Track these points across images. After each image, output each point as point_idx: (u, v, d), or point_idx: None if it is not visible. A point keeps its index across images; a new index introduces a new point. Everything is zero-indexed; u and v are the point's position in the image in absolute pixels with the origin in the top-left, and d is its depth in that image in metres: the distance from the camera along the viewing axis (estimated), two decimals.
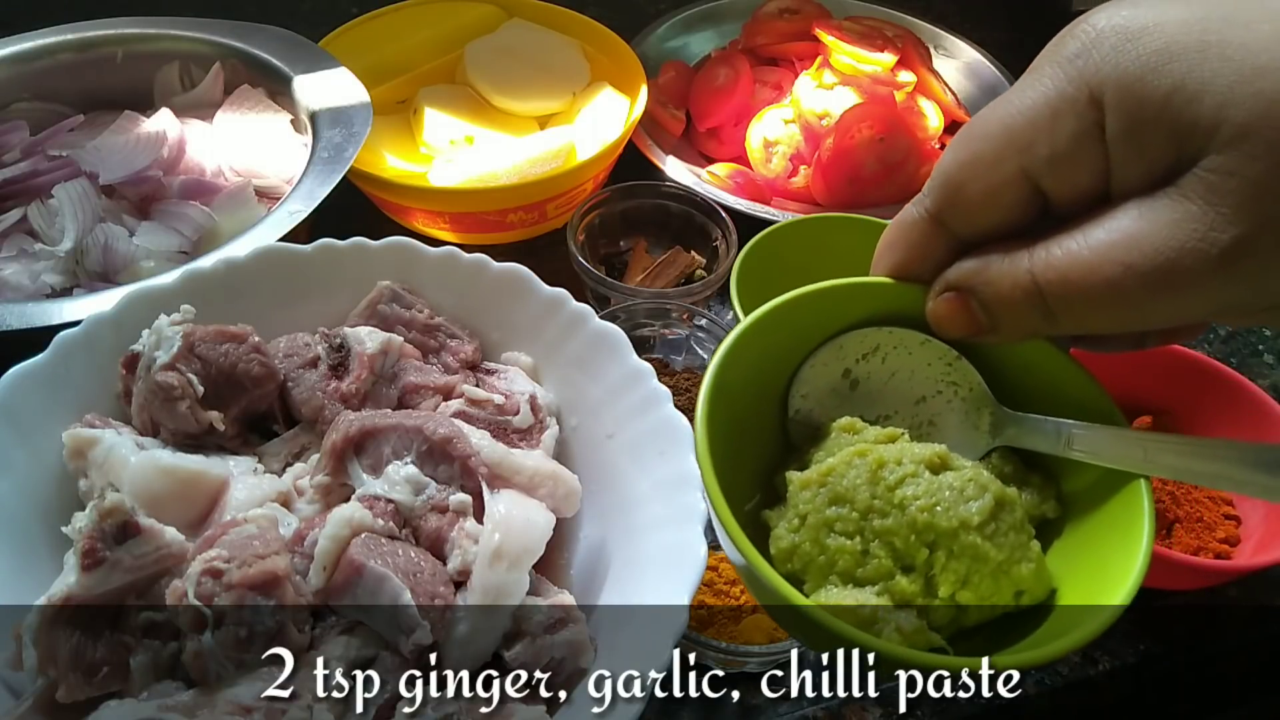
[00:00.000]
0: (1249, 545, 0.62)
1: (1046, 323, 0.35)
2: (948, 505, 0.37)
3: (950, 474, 0.39)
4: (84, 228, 0.70)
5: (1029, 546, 0.38)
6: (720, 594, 0.58)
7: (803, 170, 0.90)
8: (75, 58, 0.83)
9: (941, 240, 0.38)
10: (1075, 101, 0.33)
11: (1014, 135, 0.34)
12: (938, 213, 0.38)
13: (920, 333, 0.42)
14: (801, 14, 1.01)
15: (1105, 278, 0.32)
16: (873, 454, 0.39)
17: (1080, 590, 0.37)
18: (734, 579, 0.59)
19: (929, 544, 0.37)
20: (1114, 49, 0.32)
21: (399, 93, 0.91)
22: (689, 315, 0.71)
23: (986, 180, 0.35)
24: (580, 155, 0.83)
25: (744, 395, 0.41)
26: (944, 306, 0.39)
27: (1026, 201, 0.35)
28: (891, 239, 0.40)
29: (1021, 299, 0.35)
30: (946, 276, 0.38)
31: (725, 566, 0.59)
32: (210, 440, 0.52)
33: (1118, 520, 0.37)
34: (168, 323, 0.51)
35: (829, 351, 0.43)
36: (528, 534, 0.46)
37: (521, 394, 0.54)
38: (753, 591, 0.39)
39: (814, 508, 0.39)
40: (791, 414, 0.44)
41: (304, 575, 0.45)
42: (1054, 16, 1.22)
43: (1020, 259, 0.35)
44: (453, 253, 0.58)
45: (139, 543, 0.43)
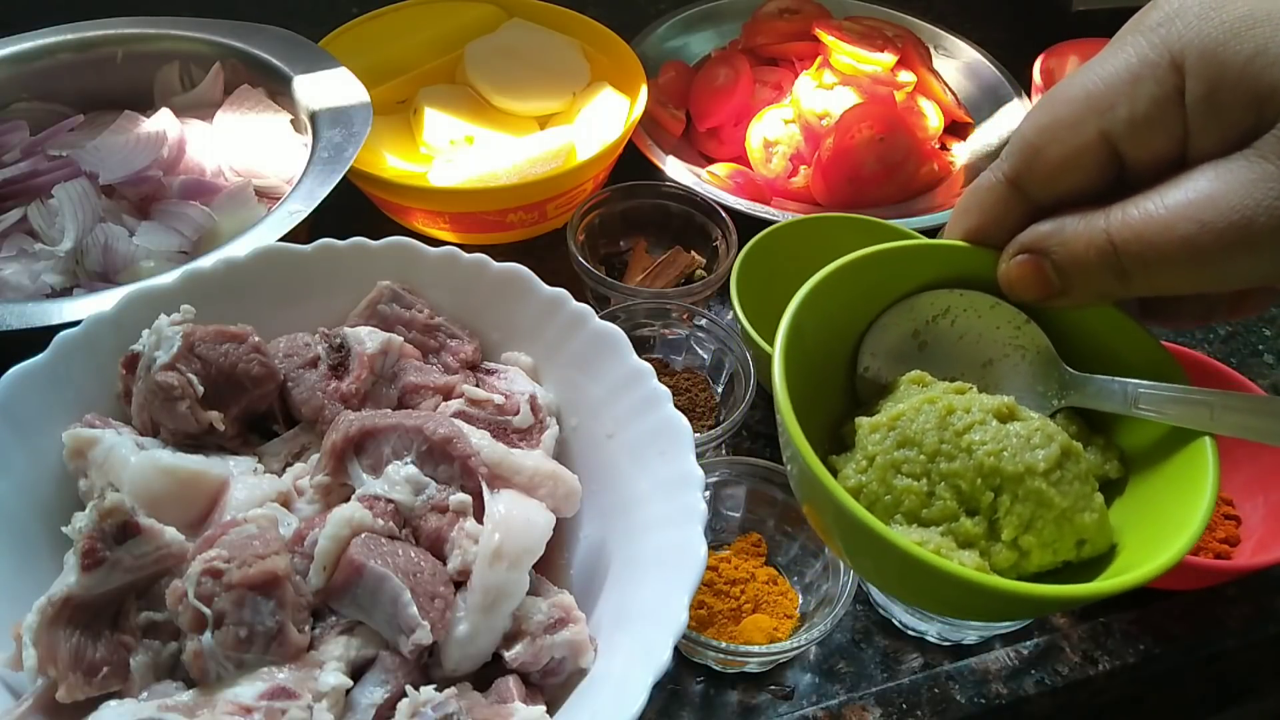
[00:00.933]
0: (1249, 545, 0.62)
1: (1120, 283, 0.36)
2: (1015, 451, 0.38)
3: (1018, 423, 0.39)
4: (84, 228, 0.70)
5: (1093, 497, 0.39)
6: (720, 594, 0.58)
7: (803, 170, 0.90)
8: (75, 58, 0.83)
9: (1017, 205, 0.39)
10: (1156, 67, 0.34)
11: (1094, 99, 0.35)
12: (1015, 177, 0.38)
13: (991, 296, 0.42)
14: (801, 14, 1.01)
15: (1181, 235, 0.33)
16: (942, 401, 0.40)
17: (1141, 546, 0.38)
18: (734, 579, 0.59)
19: (994, 488, 0.38)
20: (1197, 17, 0.33)
21: (399, 93, 0.91)
22: (689, 315, 0.71)
23: (1066, 144, 0.36)
24: (580, 155, 0.83)
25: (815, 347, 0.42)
26: (1017, 269, 0.39)
27: (1104, 165, 0.36)
28: (967, 204, 0.41)
29: (1096, 259, 0.36)
30: (1020, 239, 0.39)
31: (725, 567, 0.59)
32: (210, 440, 0.52)
33: (1181, 479, 0.38)
34: (168, 323, 0.51)
35: (900, 312, 0.44)
36: (528, 534, 0.46)
37: (521, 394, 0.54)
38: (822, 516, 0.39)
39: (882, 450, 0.39)
40: (860, 371, 0.45)
41: (304, 575, 0.45)
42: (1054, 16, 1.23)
43: (1096, 219, 0.35)
44: (453, 253, 0.58)
45: (139, 543, 0.43)
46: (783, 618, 0.58)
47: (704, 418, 0.70)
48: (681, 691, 0.57)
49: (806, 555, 0.61)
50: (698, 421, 0.69)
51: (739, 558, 0.61)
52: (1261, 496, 0.63)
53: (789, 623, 0.58)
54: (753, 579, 0.59)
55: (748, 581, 0.59)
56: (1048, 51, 1.03)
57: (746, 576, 0.59)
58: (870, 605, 0.62)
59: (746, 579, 0.59)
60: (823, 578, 0.59)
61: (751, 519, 0.63)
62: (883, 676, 0.59)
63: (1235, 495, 0.65)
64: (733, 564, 0.60)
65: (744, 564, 0.60)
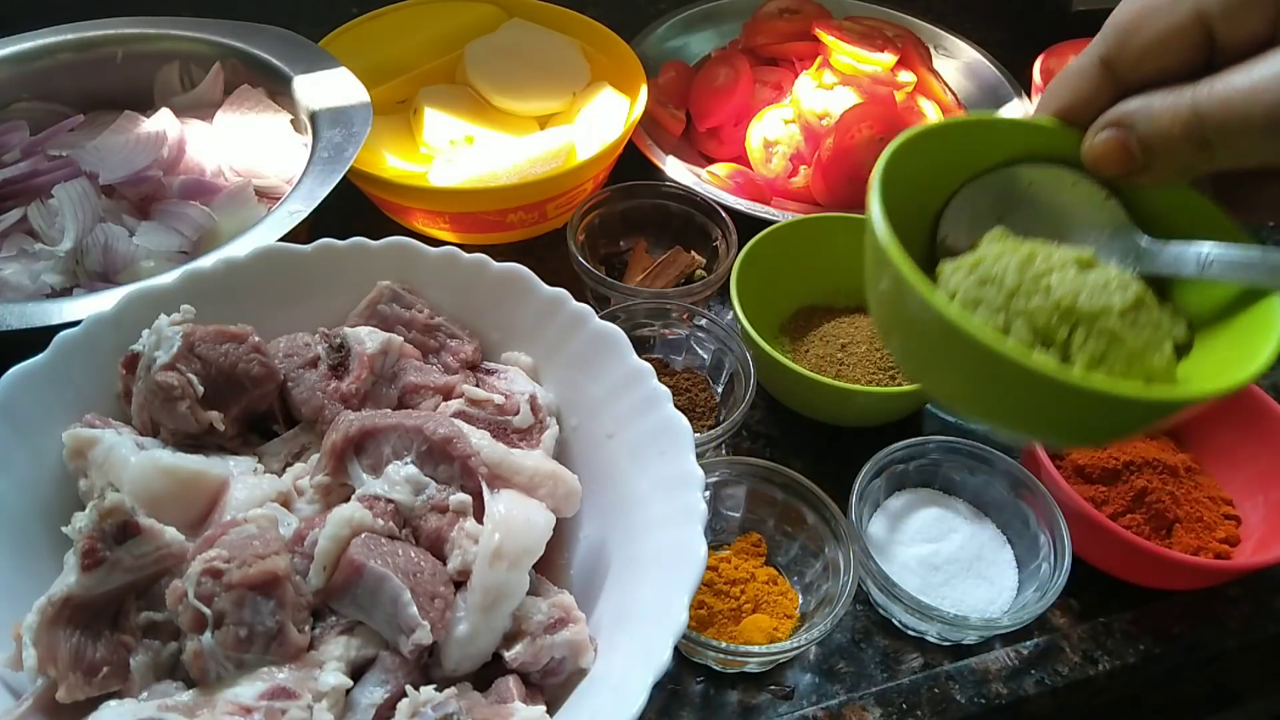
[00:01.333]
0: (1249, 545, 0.62)
1: (1203, 155, 0.36)
2: (1092, 292, 0.39)
3: (1097, 271, 0.40)
4: (84, 228, 0.70)
5: (1164, 343, 0.40)
6: (720, 594, 0.58)
7: (803, 170, 0.90)
8: (75, 58, 0.83)
9: (1108, 86, 0.39)
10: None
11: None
12: (1109, 58, 0.39)
13: (1074, 172, 0.43)
14: (801, 14, 1.01)
15: (1266, 103, 0.33)
16: (1025, 248, 0.40)
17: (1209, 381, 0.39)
18: (734, 579, 0.59)
19: (1071, 325, 0.39)
20: None
21: (399, 93, 0.91)
22: (689, 315, 0.71)
23: (1160, 24, 0.37)
24: (580, 155, 0.83)
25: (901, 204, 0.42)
26: (1101, 144, 0.40)
27: (1197, 46, 0.36)
28: (1058, 85, 0.41)
29: (1180, 131, 0.36)
30: (1107, 115, 0.39)
31: (725, 567, 0.59)
32: (210, 440, 0.52)
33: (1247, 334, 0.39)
34: (168, 323, 0.51)
35: (981, 185, 0.45)
36: (528, 534, 0.46)
37: (521, 394, 0.54)
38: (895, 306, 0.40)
39: (964, 287, 0.40)
40: (940, 238, 0.45)
41: (304, 575, 0.45)
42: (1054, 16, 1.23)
43: (1184, 93, 0.36)
44: (453, 253, 0.58)
45: (139, 543, 0.43)
46: (783, 617, 0.58)
47: (704, 418, 0.70)
48: (681, 691, 0.57)
49: (806, 555, 0.61)
50: (698, 421, 0.69)
51: (739, 558, 0.61)
52: (1261, 496, 0.63)
53: (789, 622, 0.58)
54: (753, 579, 0.59)
55: (748, 581, 0.59)
56: (1048, 51, 1.03)
57: (746, 576, 0.59)
58: (870, 605, 0.62)
59: (746, 579, 0.59)
60: (822, 578, 0.59)
61: (751, 519, 0.63)
62: (883, 676, 0.59)
63: (1236, 495, 0.65)
64: (733, 564, 0.60)
65: (744, 564, 0.60)
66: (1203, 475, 0.66)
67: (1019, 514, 0.62)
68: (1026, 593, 0.59)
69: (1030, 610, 0.56)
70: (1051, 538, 0.59)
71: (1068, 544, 0.58)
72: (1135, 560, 0.60)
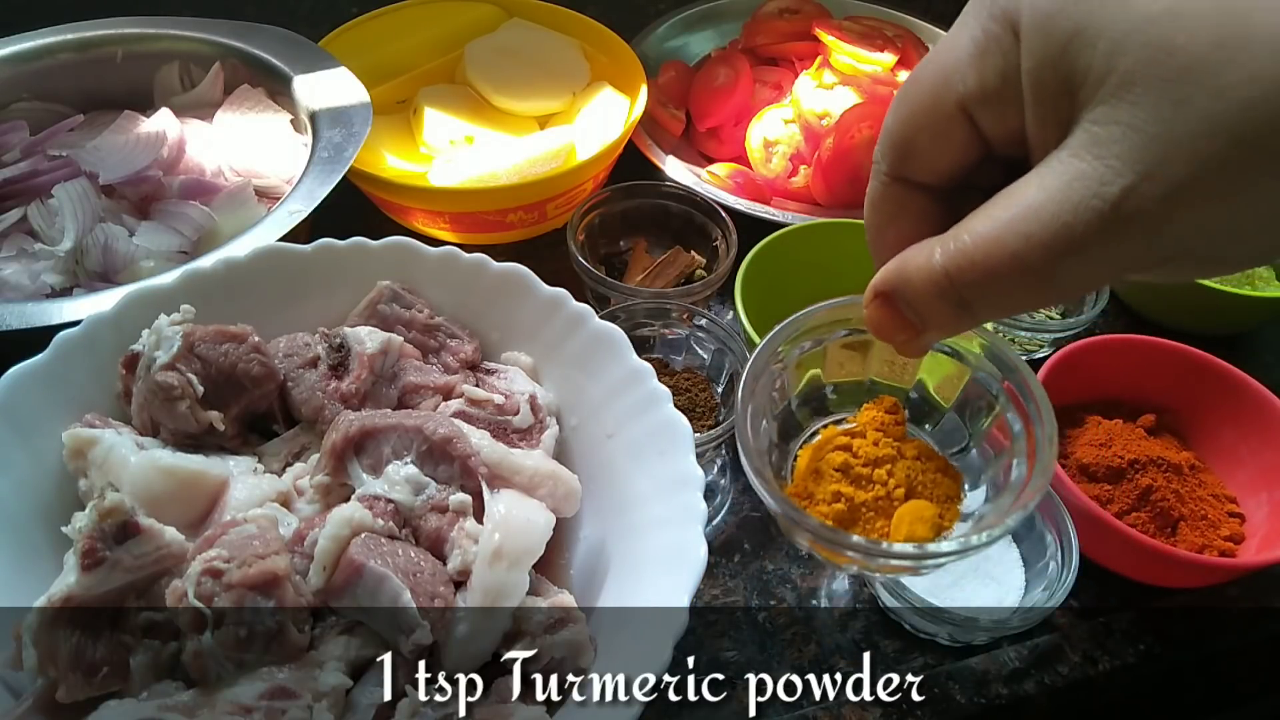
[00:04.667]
0: (1254, 542, 0.62)
1: (966, 315, 0.34)
2: None
3: None
4: (84, 228, 0.70)
5: None
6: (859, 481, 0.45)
7: (803, 170, 0.90)
8: (75, 58, 0.83)
9: (917, 199, 0.36)
10: (1000, 38, 0.32)
11: (948, 73, 0.33)
12: (897, 172, 0.36)
13: None
14: (801, 14, 1.01)
15: (1010, 253, 0.30)
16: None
17: None
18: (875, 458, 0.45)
19: None
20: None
21: (399, 93, 0.91)
22: (689, 315, 0.71)
23: (930, 123, 0.34)
24: (580, 155, 0.83)
25: None
26: (874, 314, 0.37)
27: (974, 138, 0.34)
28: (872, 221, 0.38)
29: (937, 296, 0.33)
30: (873, 282, 0.37)
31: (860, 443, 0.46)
32: (210, 440, 0.52)
33: None
34: (168, 323, 0.51)
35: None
36: (528, 534, 0.46)
37: (521, 394, 0.54)
38: None
39: None
40: None
41: (304, 575, 0.45)
42: None
43: (933, 250, 0.33)
44: (453, 253, 0.58)
45: (139, 543, 0.43)
46: (945, 501, 0.45)
47: (704, 418, 0.70)
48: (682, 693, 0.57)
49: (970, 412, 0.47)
50: (698, 421, 0.69)
51: (875, 430, 0.46)
52: (1265, 494, 0.63)
53: (954, 507, 0.45)
54: (900, 456, 0.45)
55: (895, 460, 0.45)
56: None
57: (892, 454, 0.45)
58: (875, 606, 0.62)
59: (893, 456, 0.45)
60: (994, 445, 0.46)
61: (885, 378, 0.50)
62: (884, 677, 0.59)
63: (1239, 493, 0.65)
64: (869, 438, 0.46)
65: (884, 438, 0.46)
66: (1206, 473, 0.66)
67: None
68: (1033, 592, 0.59)
69: (1039, 610, 0.56)
70: (1058, 536, 0.59)
71: (1075, 542, 0.58)
72: (1142, 559, 0.60)
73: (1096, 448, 0.65)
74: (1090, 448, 0.65)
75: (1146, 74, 0.28)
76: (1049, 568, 0.59)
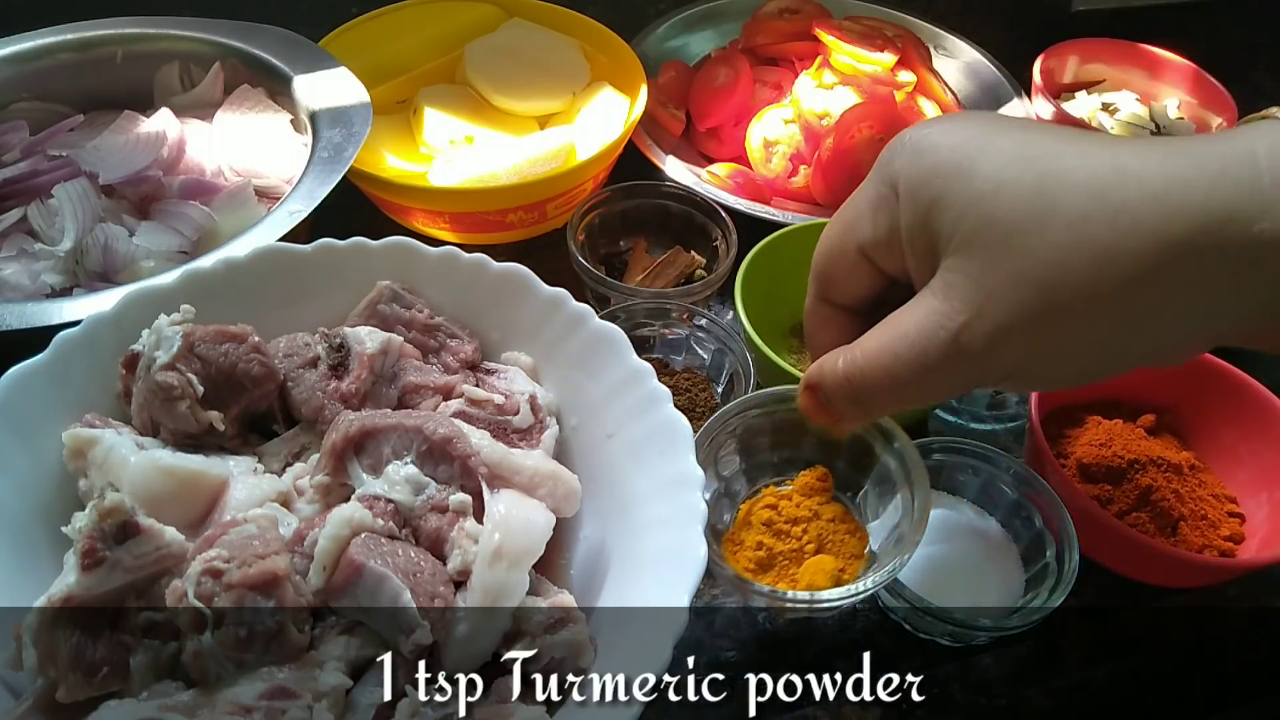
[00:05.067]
0: (1254, 542, 0.62)
1: (864, 411, 0.43)
2: None
3: None
4: (84, 228, 0.70)
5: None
6: (780, 534, 0.54)
7: (803, 170, 0.90)
8: (75, 58, 0.83)
9: (839, 315, 0.46)
10: (888, 199, 0.40)
11: (850, 226, 0.42)
12: (824, 296, 0.45)
13: None
14: (801, 14, 1.01)
15: (885, 368, 0.39)
16: None
17: None
18: (796, 517, 0.55)
19: None
20: (906, 161, 0.39)
21: (399, 93, 0.91)
22: (689, 315, 0.71)
23: (840, 262, 0.43)
24: (580, 155, 0.83)
25: None
26: (803, 402, 0.46)
27: (874, 273, 0.42)
28: (809, 328, 0.47)
29: (843, 394, 0.42)
30: (805, 376, 0.45)
31: (786, 504, 0.56)
32: (210, 440, 0.52)
33: None
34: (168, 323, 0.51)
35: None
36: (528, 534, 0.46)
37: (521, 394, 0.54)
38: None
39: None
40: None
41: (304, 575, 0.45)
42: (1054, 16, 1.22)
43: (838, 359, 0.42)
44: (453, 253, 0.58)
45: (139, 543, 0.43)
46: (850, 558, 0.53)
47: (704, 418, 0.69)
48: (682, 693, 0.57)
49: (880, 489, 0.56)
50: (698, 421, 0.69)
51: (802, 494, 0.56)
52: (1265, 494, 0.63)
53: (857, 563, 0.53)
54: (816, 517, 0.54)
55: (810, 520, 0.54)
56: (1048, 51, 1.03)
57: (809, 515, 0.54)
58: (877, 607, 0.62)
59: (809, 517, 0.54)
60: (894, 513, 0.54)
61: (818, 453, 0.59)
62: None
63: (1239, 492, 0.65)
64: (794, 501, 0.55)
65: (807, 501, 0.55)
66: (1206, 473, 0.66)
67: (1024, 513, 0.62)
68: (1034, 592, 0.59)
69: (1039, 610, 0.56)
70: (1057, 537, 0.59)
71: (1075, 542, 0.58)
72: (1142, 559, 0.60)
73: (1096, 448, 0.65)
74: (1090, 448, 0.65)
75: (979, 238, 0.36)
76: (1049, 568, 0.59)
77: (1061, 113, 0.97)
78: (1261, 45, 1.23)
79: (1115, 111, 1.03)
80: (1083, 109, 1.03)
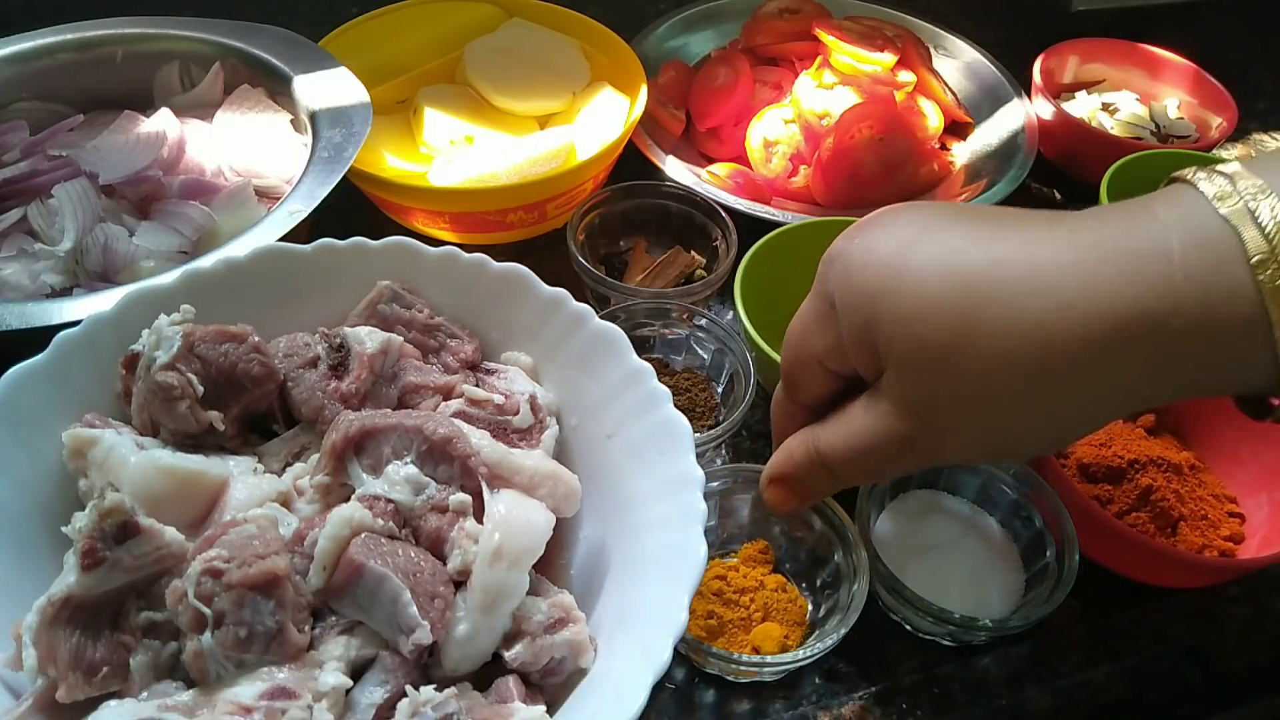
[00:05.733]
0: (1254, 542, 0.62)
1: (838, 481, 0.47)
2: None
3: None
4: (84, 227, 0.70)
5: None
6: (730, 603, 0.57)
7: (803, 170, 0.90)
8: (75, 58, 0.83)
9: (801, 412, 0.49)
10: (828, 315, 0.44)
11: (804, 337, 0.46)
12: (792, 396, 0.49)
13: None
14: (801, 14, 1.01)
15: (849, 448, 0.44)
16: None
17: None
18: (743, 587, 0.58)
19: None
20: (838, 281, 0.43)
21: (399, 93, 0.91)
22: (689, 315, 0.71)
23: (800, 368, 0.47)
24: (580, 155, 0.83)
25: None
26: (773, 494, 0.50)
27: (830, 376, 0.46)
28: (775, 417, 0.52)
29: (814, 470, 0.47)
30: (766, 472, 0.50)
31: (734, 575, 0.59)
32: (210, 440, 0.52)
33: None
34: (168, 323, 0.51)
35: None
36: (528, 534, 0.46)
37: (521, 394, 0.54)
38: None
39: None
40: None
41: (304, 575, 0.45)
42: (1054, 16, 1.23)
43: (810, 441, 0.46)
44: (453, 253, 0.58)
45: (139, 543, 0.43)
46: (793, 625, 0.57)
47: (704, 418, 0.70)
48: (682, 694, 0.57)
49: (815, 561, 0.60)
50: (698, 421, 0.69)
51: (747, 565, 0.60)
52: (1265, 494, 0.63)
53: (799, 630, 0.57)
54: (761, 586, 0.58)
55: (757, 590, 0.58)
56: (1048, 51, 1.03)
57: (755, 585, 0.58)
58: (875, 606, 0.62)
59: (755, 587, 0.58)
60: (832, 584, 0.58)
61: (758, 526, 0.63)
62: (883, 677, 0.59)
63: (1239, 492, 0.65)
64: (740, 572, 0.59)
65: (752, 572, 0.59)
66: (1206, 473, 0.66)
67: (1024, 513, 0.62)
68: (1033, 592, 0.59)
69: (1040, 610, 0.56)
70: (1057, 536, 0.59)
71: (1074, 542, 0.58)
72: (1142, 559, 0.60)
73: (1096, 448, 0.65)
74: (1090, 448, 0.65)
75: (913, 358, 0.40)
76: (1049, 568, 0.59)
77: (1061, 113, 0.97)
78: (1261, 45, 1.23)
79: (1115, 111, 1.03)
80: (1083, 109, 1.03)
